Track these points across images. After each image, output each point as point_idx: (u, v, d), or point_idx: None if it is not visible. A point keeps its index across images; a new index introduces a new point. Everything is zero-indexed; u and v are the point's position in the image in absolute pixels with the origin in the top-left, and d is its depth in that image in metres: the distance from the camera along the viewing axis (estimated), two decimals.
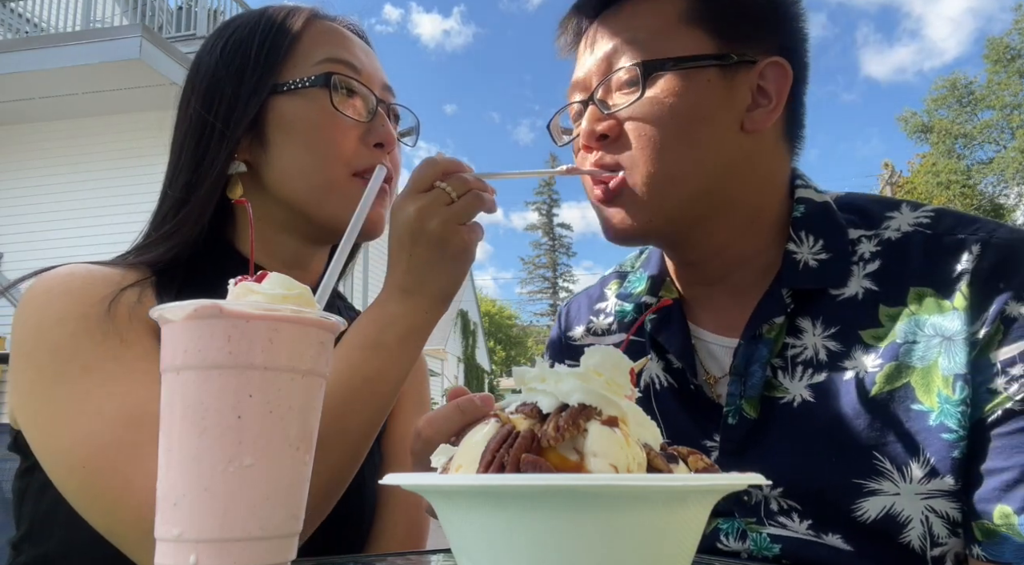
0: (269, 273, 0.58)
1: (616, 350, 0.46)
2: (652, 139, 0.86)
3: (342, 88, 0.98)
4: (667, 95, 0.86)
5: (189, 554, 0.51)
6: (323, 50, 0.99)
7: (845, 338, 0.84)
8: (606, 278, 1.19)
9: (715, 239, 0.92)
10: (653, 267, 1.06)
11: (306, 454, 0.57)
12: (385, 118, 1.01)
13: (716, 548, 0.89)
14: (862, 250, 0.88)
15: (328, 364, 0.59)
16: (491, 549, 0.40)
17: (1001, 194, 29.30)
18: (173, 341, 0.54)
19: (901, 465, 0.77)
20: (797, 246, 0.89)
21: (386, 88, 1.05)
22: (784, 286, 0.87)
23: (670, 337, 0.96)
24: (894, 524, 0.77)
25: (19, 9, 10.32)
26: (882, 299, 0.84)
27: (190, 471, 0.52)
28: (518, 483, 0.37)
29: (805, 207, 0.92)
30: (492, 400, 0.64)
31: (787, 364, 0.87)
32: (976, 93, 29.31)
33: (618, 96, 0.90)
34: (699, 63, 0.86)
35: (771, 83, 0.90)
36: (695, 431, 0.91)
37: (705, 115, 0.87)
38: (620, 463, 0.40)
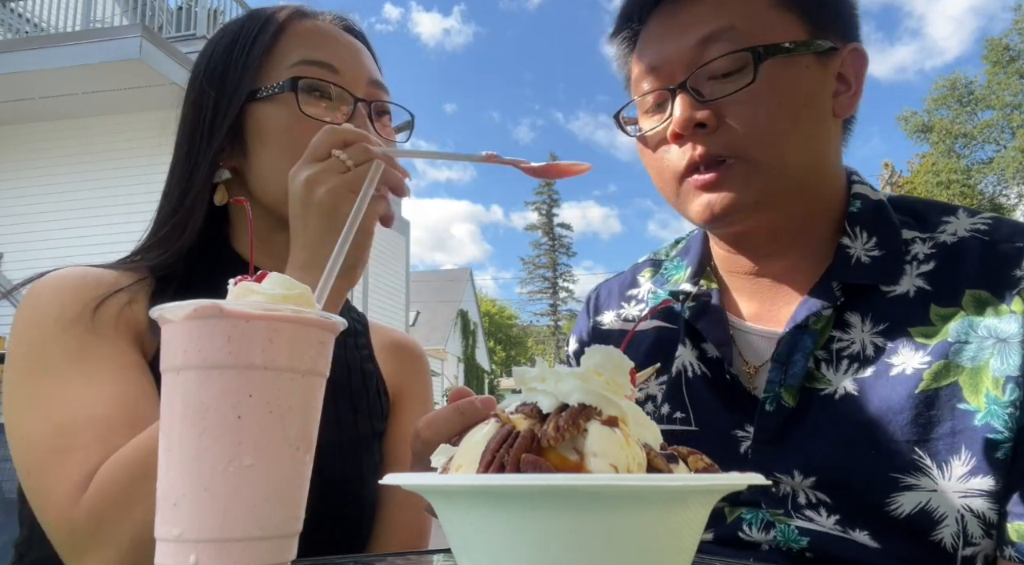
0: (269, 273, 0.58)
1: (616, 350, 0.46)
2: (763, 126, 0.85)
3: (314, 91, 0.96)
4: (777, 82, 0.85)
5: (189, 554, 0.51)
6: (299, 52, 0.97)
7: (894, 334, 0.85)
8: (639, 265, 1.19)
9: (779, 221, 0.91)
10: (694, 256, 1.06)
11: (306, 454, 0.57)
12: (364, 118, 0.98)
13: (738, 538, 0.88)
14: (916, 251, 0.89)
15: (328, 364, 0.59)
16: (491, 549, 0.40)
17: (1001, 194, 29.31)
18: (173, 341, 0.54)
19: (942, 462, 0.77)
20: (851, 241, 0.90)
21: (374, 84, 1.02)
22: (835, 279, 0.88)
23: (709, 325, 0.96)
24: (928, 520, 0.78)
25: (19, 9, 10.31)
26: (934, 299, 0.84)
27: (190, 471, 0.52)
28: (518, 483, 0.37)
29: (861, 203, 0.93)
30: (494, 403, 0.64)
31: (832, 357, 0.87)
32: (976, 93, 29.32)
33: (717, 84, 0.87)
34: (801, 49, 0.86)
35: (850, 69, 0.92)
36: (727, 421, 0.91)
37: (809, 101, 0.87)
38: (620, 463, 0.40)
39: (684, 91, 0.88)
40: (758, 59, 0.85)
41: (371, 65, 1.04)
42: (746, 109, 0.85)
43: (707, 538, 0.91)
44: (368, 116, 0.99)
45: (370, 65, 1.04)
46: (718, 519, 0.90)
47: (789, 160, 0.87)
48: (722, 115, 0.86)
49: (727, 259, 1.00)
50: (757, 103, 0.85)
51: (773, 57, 0.85)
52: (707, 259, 1.05)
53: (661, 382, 1.00)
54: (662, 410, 0.98)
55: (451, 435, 0.64)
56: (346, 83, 0.98)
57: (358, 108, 0.97)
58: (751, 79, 0.85)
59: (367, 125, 0.97)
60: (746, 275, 0.98)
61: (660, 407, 0.99)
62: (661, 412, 0.98)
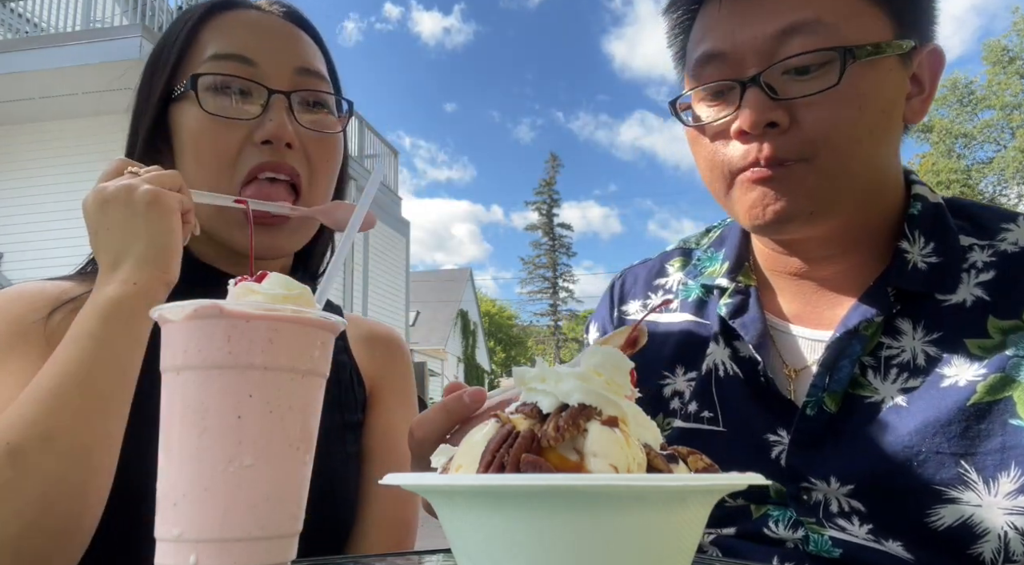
0: (269, 273, 0.58)
1: (616, 351, 0.46)
2: (840, 132, 0.79)
3: (223, 87, 0.92)
4: (862, 85, 0.79)
5: (189, 554, 0.51)
6: (212, 46, 0.94)
7: (948, 345, 0.81)
8: (668, 254, 1.13)
9: (834, 229, 0.86)
10: (732, 249, 1.00)
11: (306, 454, 0.57)
12: (281, 111, 0.93)
13: (763, 534, 0.86)
14: (974, 258, 0.85)
15: (328, 364, 0.59)
16: (491, 549, 0.40)
17: (1001, 194, 29.31)
18: (173, 341, 0.54)
19: (989, 478, 0.75)
20: (910, 245, 0.85)
21: (304, 73, 0.97)
22: (891, 284, 0.84)
23: (746, 325, 0.91)
24: (969, 534, 0.75)
25: (19, 9, 10.31)
26: (992, 310, 0.81)
27: (190, 471, 0.52)
28: (518, 483, 0.37)
29: (922, 205, 0.88)
30: (483, 394, 0.63)
31: (879, 364, 0.84)
32: (976, 93, 29.32)
33: (794, 81, 0.81)
34: (888, 52, 0.80)
35: (925, 70, 0.86)
36: (759, 424, 0.88)
37: (887, 107, 0.82)
38: (620, 463, 0.40)
39: (757, 86, 0.81)
40: (846, 60, 0.78)
41: (302, 52, 0.98)
42: (825, 112, 0.79)
43: (729, 533, 0.89)
44: (289, 108, 0.94)
45: (300, 52, 0.98)
46: (744, 515, 0.88)
47: (855, 168, 0.81)
48: (796, 116, 0.80)
49: (771, 257, 0.95)
50: (838, 107, 0.79)
51: (861, 59, 0.79)
52: (746, 253, 1.00)
53: (690, 379, 0.97)
54: (689, 407, 0.94)
55: (441, 433, 0.63)
56: (262, 75, 0.93)
57: (273, 101, 0.93)
58: (835, 81, 0.78)
59: (284, 118, 0.92)
60: (791, 275, 0.93)
61: (687, 404, 0.95)
62: (688, 410, 0.94)
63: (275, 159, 0.92)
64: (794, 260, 0.92)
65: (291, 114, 0.94)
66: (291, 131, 0.93)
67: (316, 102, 0.99)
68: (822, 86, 0.79)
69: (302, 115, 0.96)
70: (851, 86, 0.79)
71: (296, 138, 0.93)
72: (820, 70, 0.80)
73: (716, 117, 0.86)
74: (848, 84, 0.78)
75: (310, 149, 0.96)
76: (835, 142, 0.80)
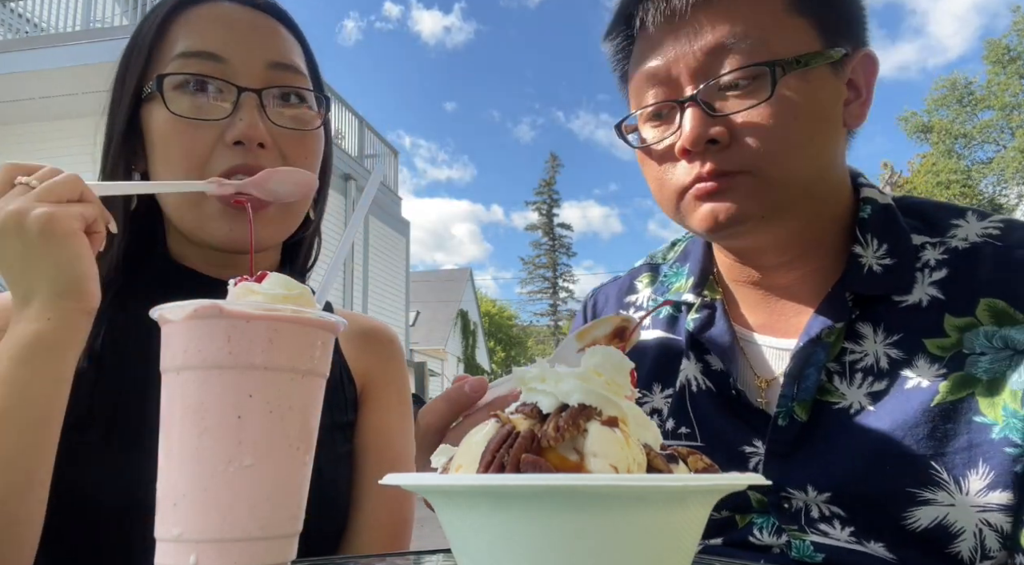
0: (269, 273, 0.58)
1: (616, 351, 0.46)
2: (778, 142, 0.81)
3: (190, 86, 0.88)
4: (795, 96, 0.81)
5: (189, 554, 0.51)
6: (180, 44, 0.90)
7: (908, 346, 0.82)
8: (636, 270, 1.15)
9: (785, 234, 0.88)
10: (696, 263, 1.02)
11: (306, 454, 0.57)
12: (251, 110, 0.89)
13: (749, 542, 0.87)
14: (927, 257, 0.86)
15: (328, 364, 0.59)
16: (491, 549, 0.40)
17: (1001, 194, 29.32)
18: (173, 341, 0.55)
19: (959, 477, 0.76)
20: (863, 249, 0.87)
21: (277, 67, 0.93)
22: (848, 289, 0.85)
23: (715, 339, 0.93)
24: (945, 534, 0.76)
25: (19, 9, 10.31)
26: (948, 308, 0.82)
27: (190, 471, 0.52)
28: (518, 483, 0.37)
29: (872, 208, 0.89)
30: (484, 384, 0.65)
31: (844, 369, 0.85)
32: (976, 93, 29.33)
33: (729, 97, 0.83)
34: (818, 61, 0.82)
35: (861, 76, 0.88)
36: (735, 435, 0.89)
37: (823, 115, 0.84)
38: (620, 463, 0.40)
39: (695, 105, 0.83)
40: (776, 74, 0.80)
41: (276, 46, 0.94)
42: (761, 125, 0.81)
43: (717, 543, 0.90)
44: (260, 105, 0.90)
45: (274, 46, 0.94)
46: (730, 525, 0.89)
47: (799, 174, 0.83)
48: (735, 130, 0.82)
49: (732, 268, 0.97)
50: (773, 119, 0.81)
51: (791, 72, 0.81)
52: (710, 266, 1.01)
53: (667, 396, 0.98)
54: (667, 425, 0.96)
55: (445, 422, 0.65)
56: (232, 72, 0.89)
57: (243, 99, 0.89)
58: (768, 95, 0.80)
59: (255, 117, 0.89)
60: (753, 285, 0.95)
61: (665, 422, 0.96)
62: (666, 427, 0.96)
63: (248, 161, 0.88)
64: (752, 269, 0.94)
65: (263, 112, 0.90)
66: (263, 130, 0.89)
67: (294, 100, 0.95)
68: (756, 100, 0.81)
69: (276, 112, 0.92)
70: (784, 98, 0.81)
71: (269, 137, 0.90)
72: (753, 84, 0.82)
73: (660, 138, 0.88)
74: (780, 96, 0.81)
75: (286, 148, 0.92)
76: (774, 152, 0.82)
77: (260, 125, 0.89)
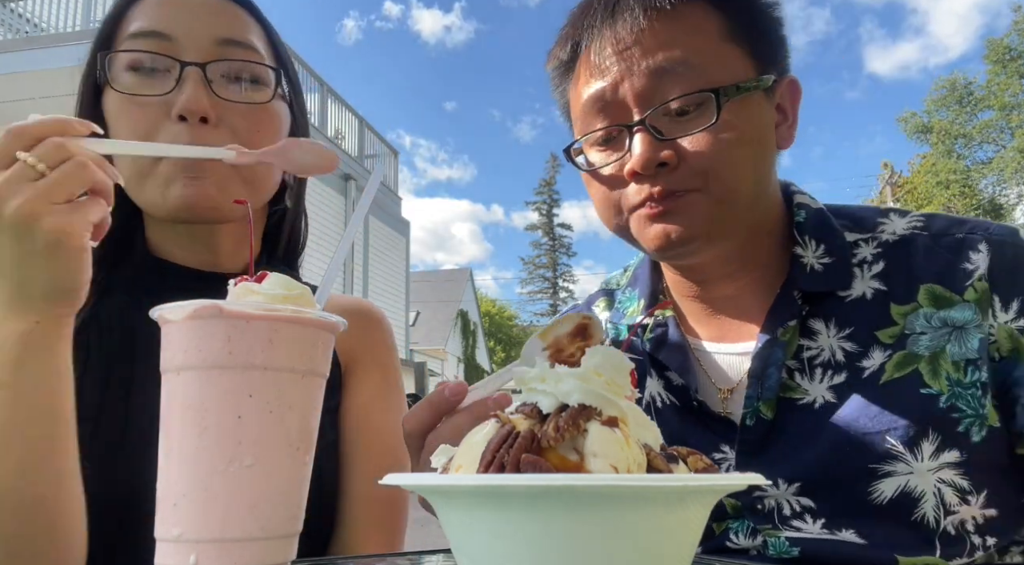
0: (269, 273, 0.58)
1: (617, 351, 0.46)
2: (724, 163, 0.85)
3: (135, 66, 0.88)
4: (737, 120, 0.86)
5: (189, 554, 0.51)
6: (132, 26, 0.90)
7: (861, 338, 0.88)
8: (593, 297, 1.20)
9: (728, 249, 0.92)
10: (644, 286, 1.06)
11: (306, 454, 0.57)
12: (195, 84, 0.87)
13: (726, 547, 0.90)
14: (862, 254, 0.92)
15: (328, 364, 0.59)
16: (491, 549, 0.40)
17: (1000, 194, 29.32)
18: (173, 341, 0.55)
19: (913, 446, 0.82)
20: (803, 250, 0.92)
21: (227, 43, 0.91)
22: (795, 289, 0.90)
23: (670, 354, 0.97)
24: (908, 500, 0.81)
25: (19, 9, 10.31)
26: (892, 298, 0.88)
27: (190, 471, 0.52)
28: (518, 483, 0.37)
29: (806, 212, 0.95)
30: (463, 388, 0.65)
31: (804, 366, 0.90)
32: (976, 94, 29.33)
33: (675, 122, 0.87)
34: (754, 87, 0.87)
35: (788, 100, 0.94)
36: (702, 445, 0.92)
37: (762, 137, 0.89)
38: (620, 463, 0.40)
39: (643, 129, 0.86)
40: (720, 100, 0.84)
41: (227, 23, 0.92)
42: (708, 148, 0.85)
43: (696, 552, 0.92)
44: (205, 79, 0.88)
45: (225, 22, 0.92)
46: (708, 535, 0.92)
47: (743, 193, 0.88)
48: (683, 153, 0.86)
49: (679, 284, 1.01)
50: (718, 142, 0.85)
51: (733, 97, 0.85)
52: (658, 287, 1.06)
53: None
54: None
55: (426, 426, 0.65)
56: (179, 49, 0.88)
57: (187, 73, 0.87)
58: (713, 119, 0.84)
59: (198, 91, 0.87)
60: (699, 299, 0.99)
61: None
62: None
63: (193, 134, 0.86)
64: (696, 284, 0.98)
65: (208, 87, 0.88)
66: (206, 104, 0.86)
67: (246, 77, 0.92)
68: (702, 125, 0.85)
69: (225, 88, 0.90)
70: (727, 122, 0.85)
71: (212, 111, 0.87)
72: (698, 110, 0.86)
73: (606, 161, 0.91)
74: (724, 121, 0.85)
75: (236, 123, 0.90)
76: (721, 173, 0.86)
77: (203, 99, 0.86)
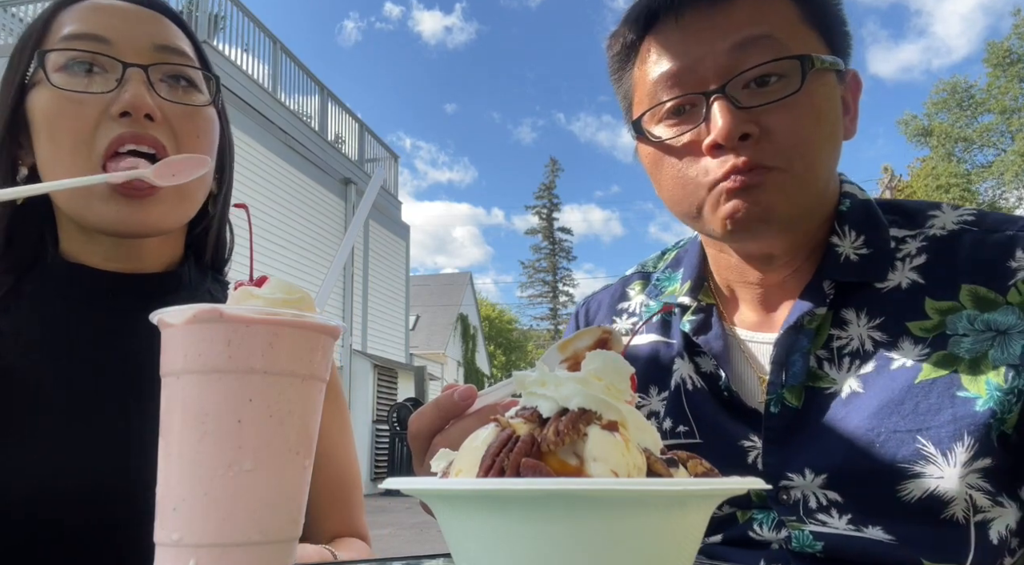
0: (269, 277, 0.58)
1: (617, 355, 0.46)
2: (805, 138, 0.83)
3: (73, 65, 0.88)
4: (818, 94, 0.84)
5: (188, 559, 0.51)
6: (65, 30, 0.91)
7: (891, 329, 0.85)
8: (627, 278, 1.17)
9: (798, 233, 0.90)
10: (691, 268, 1.04)
11: (306, 458, 0.57)
12: (138, 83, 0.88)
13: (748, 538, 0.89)
14: (907, 249, 0.89)
15: (328, 368, 0.59)
16: (490, 553, 0.40)
17: (1000, 198, 29.33)
18: (173, 345, 0.55)
19: (945, 450, 0.79)
20: (840, 239, 0.90)
21: (165, 50, 0.93)
22: (825, 278, 0.88)
23: (710, 342, 0.95)
24: (938, 503, 0.79)
25: (20, 13, 10.33)
26: (928, 292, 0.85)
27: (190, 475, 0.52)
28: (518, 487, 0.37)
29: (851, 202, 0.93)
30: (473, 392, 0.65)
31: (833, 355, 0.88)
32: (976, 97, 29.37)
33: (755, 91, 0.83)
34: (834, 66, 0.85)
35: (850, 93, 0.92)
36: (732, 432, 0.91)
37: (835, 119, 0.87)
38: (620, 467, 0.40)
39: (723, 97, 0.82)
40: (806, 67, 0.82)
41: (160, 31, 0.95)
42: (790, 119, 0.82)
43: (716, 540, 0.91)
44: (148, 81, 0.89)
45: (158, 31, 0.94)
46: (730, 522, 0.90)
47: (820, 175, 0.86)
48: (765, 126, 0.82)
49: (732, 268, 0.98)
50: (801, 113, 0.82)
51: (817, 69, 0.83)
52: (704, 273, 1.03)
53: (663, 398, 1.00)
54: (664, 425, 0.98)
55: (433, 428, 0.65)
56: (118, 52, 0.89)
57: (129, 74, 0.88)
58: (797, 87, 0.81)
59: (142, 90, 0.88)
60: (751, 285, 0.97)
61: (663, 422, 0.98)
62: (664, 427, 0.98)
63: (136, 130, 0.87)
64: (749, 268, 0.96)
65: (151, 88, 0.90)
66: (151, 103, 0.88)
67: (181, 79, 0.94)
68: (784, 93, 0.82)
69: (165, 90, 0.92)
70: (809, 95, 0.83)
71: (157, 110, 0.89)
72: (780, 81, 0.83)
73: (682, 133, 0.87)
74: (806, 92, 0.82)
75: (176, 124, 0.91)
76: (803, 150, 0.83)
77: (147, 98, 0.88)
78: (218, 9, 11.84)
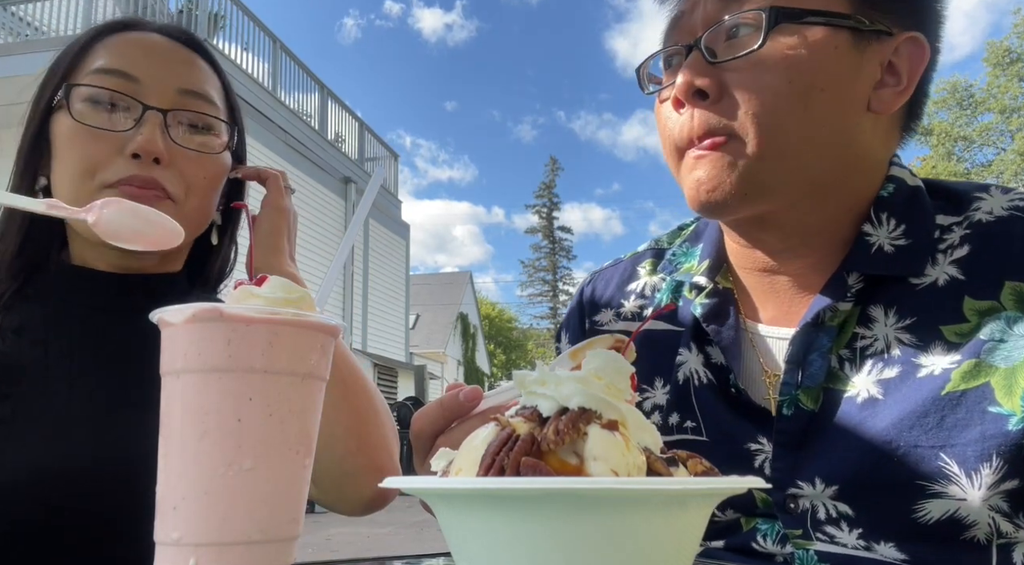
0: (269, 276, 0.58)
1: (617, 354, 0.46)
2: (765, 105, 0.74)
3: (97, 99, 0.92)
4: (790, 53, 0.73)
5: (188, 558, 0.51)
6: (97, 62, 0.94)
7: (923, 331, 0.76)
8: (639, 255, 1.06)
9: (789, 217, 0.81)
10: (710, 245, 0.94)
11: (306, 457, 0.57)
12: (153, 126, 0.92)
13: (751, 548, 0.83)
14: (951, 239, 0.78)
15: (328, 367, 0.59)
16: (490, 553, 0.40)
17: None
18: (173, 344, 0.54)
19: (971, 471, 0.70)
20: (874, 228, 0.80)
21: (188, 94, 0.96)
22: (852, 270, 0.79)
23: (722, 332, 0.87)
24: (958, 526, 0.72)
25: (19, 12, 10.33)
26: (968, 290, 0.75)
27: (190, 474, 0.52)
28: (518, 486, 0.37)
29: (894, 187, 0.82)
30: (478, 393, 0.65)
31: (855, 356, 0.79)
32: (976, 96, 29.35)
33: (727, 45, 0.76)
34: (833, 21, 0.74)
35: (904, 60, 0.79)
36: (739, 433, 0.84)
37: (826, 84, 0.75)
38: (620, 467, 0.40)
39: (697, 49, 0.76)
40: (772, 21, 0.72)
41: (189, 74, 0.98)
42: (749, 79, 0.74)
43: (718, 546, 0.87)
44: (164, 125, 0.93)
45: (187, 74, 0.98)
46: (733, 529, 0.85)
47: (791, 150, 0.75)
48: (723, 83, 0.75)
49: (741, 253, 0.89)
50: (761, 74, 0.74)
51: (790, 22, 0.73)
52: (723, 252, 0.93)
53: (667, 390, 0.93)
54: (670, 420, 0.91)
55: (437, 427, 0.65)
56: (142, 92, 0.93)
57: (147, 116, 0.92)
58: (759, 44, 0.73)
59: (156, 133, 0.91)
60: (762, 272, 0.87)
61: (668, 417, 0.91)
62: (670, 422, 0.90)
63: (143, 173, 0.90)
64: (758, 254, 0.87)
65: (166, 132, 0.93)
66: (162, 146, 0.91)
67: (200, 125, 0.98)
68: (746, 48, 0.74)
69: (180, 135, 0.95)
70: (776, 52, 0.73)
71: (166, 154, 0.92)
72: (750, 33, 0.74)
73: (663, 86, 0.83)
74: (773, 49, 0.73)
75: (184, 167, 0.95)
76: (758, 114, 0.74)
77: (159, 141, 0.91)
78: (218, 8, 11.83)
